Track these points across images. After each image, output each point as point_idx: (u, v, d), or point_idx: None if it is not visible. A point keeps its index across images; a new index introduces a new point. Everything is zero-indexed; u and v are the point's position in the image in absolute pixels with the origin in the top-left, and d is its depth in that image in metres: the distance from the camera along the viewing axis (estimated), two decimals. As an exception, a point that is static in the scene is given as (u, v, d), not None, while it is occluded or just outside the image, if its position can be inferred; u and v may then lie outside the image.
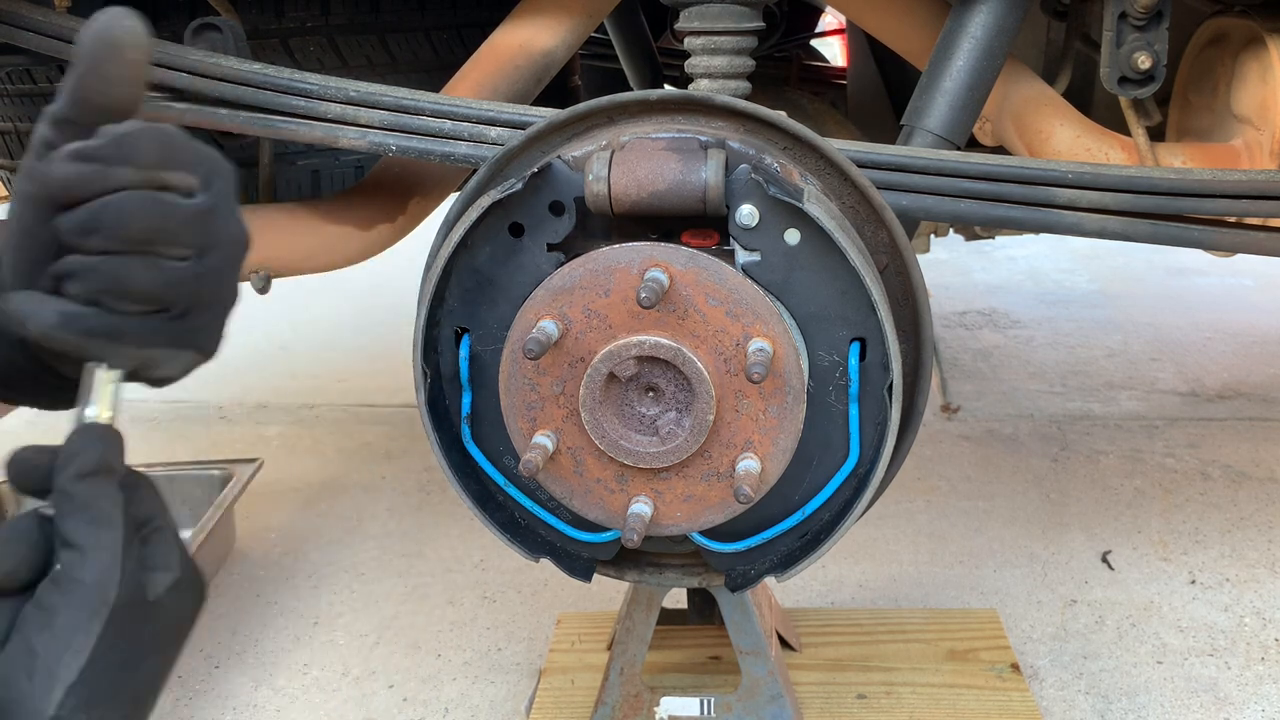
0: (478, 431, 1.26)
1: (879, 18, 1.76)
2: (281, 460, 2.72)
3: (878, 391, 1.18)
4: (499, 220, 1.18)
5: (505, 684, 1.82)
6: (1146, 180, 1.34)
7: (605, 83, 2.78)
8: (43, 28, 1.51)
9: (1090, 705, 1.73)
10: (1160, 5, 1.47)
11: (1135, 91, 1.53)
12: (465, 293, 1.21)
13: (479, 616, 2.03)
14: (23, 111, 2.07)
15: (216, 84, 1.48)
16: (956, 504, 2.40)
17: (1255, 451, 2.62)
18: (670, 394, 1.15)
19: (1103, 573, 2.11)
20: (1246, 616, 1.96)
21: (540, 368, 1.15)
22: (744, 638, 1.47)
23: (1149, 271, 4.19)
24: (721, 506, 1.18)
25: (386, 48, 1.97)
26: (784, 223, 1.14)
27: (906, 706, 1.63)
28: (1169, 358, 3.30)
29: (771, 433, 1.14)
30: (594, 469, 1.18)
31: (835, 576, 2.12)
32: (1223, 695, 1.75)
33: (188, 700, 1.80)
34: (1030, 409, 2.93)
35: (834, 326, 1.17)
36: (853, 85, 2.50)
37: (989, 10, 1.48)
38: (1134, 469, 2.55)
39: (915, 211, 1.35)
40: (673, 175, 1.12)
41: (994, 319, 3.72)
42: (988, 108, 1.62)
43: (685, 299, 1.11)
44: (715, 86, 1.45)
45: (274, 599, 2.10)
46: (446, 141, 1.43)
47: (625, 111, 1.21)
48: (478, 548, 2.25)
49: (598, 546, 1.28)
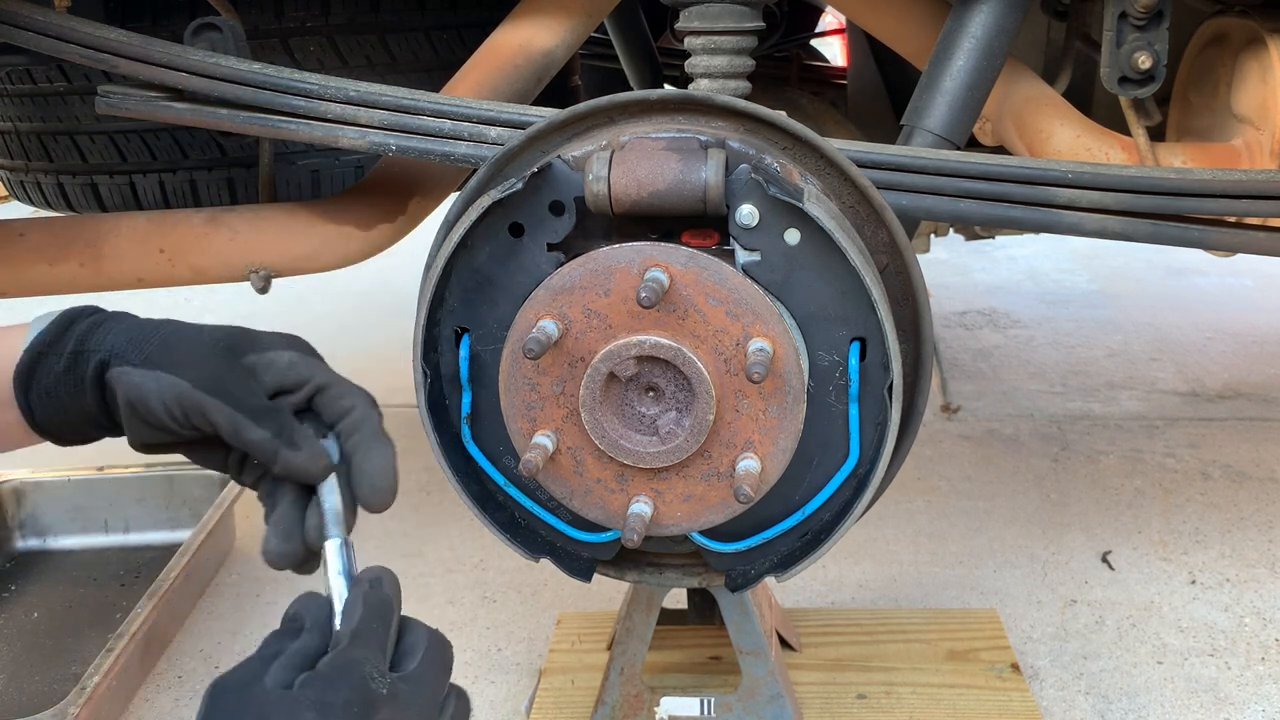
0: (478, 431, 1.26)
1: (879, 18, 1.76)
2: (281, 460, 2.72)
3: (878, 391, 1.18)
4: (499, 220, 1.18)
5: (505, 684, 1.82)
6: (1146, 180, 1.34)
7: (605, 83, 2.78)
8: (43, 28, 1.51)
9: (1090, 705, 1.73)
10: (1160, 5, 1.47)
11: (1135, 91, 1.53)
12: (465, 293, 1.21)
13: (479, 616, 2.03)
14: (23, 112, 2.07)
15: (216, 84, 1.48)
16: (956, 504, 2.40)
17: (1255, 451, 2.62)
18: (670, 394, 1.15)
19: (1103, 573, 2.11)
20: (1246, 616, 1.96)
21: (540, 368, 1.15)
22: (744, 638, 1.47)
23: (1149, 271, 4.19)
24: (721, 506, 1.18)
25: (386, 48, 1.97)
26: (784, 223, 1.14)
27: (906, 706, 1.63)
28: (1169, 358, 3.30)
29: (771, 433, 1.14)
30: (594, 469, 1.18)
31: (835, 576, 2.12)
32: (1223, 695, 1.75)
33: (188, 700, 1.80)
34: (1030, 409, 2.93)
35: (834, 326, 1.17)
36: (853, 85, 2.50)
37: (989, 10, 1.48)
38: (1134, 469, 2.55)
39: (915, 211, 1.35)
40: (673, 175, 1.12)
41: (994, 319, 3.72)
42: (988, 108, 1.62)
43: (685, 299, 1.11)
44: (715, 86, 1.45)
45: (274, 599, 2.09)
46: (446, 141, 1.42)
47: (625, 111, 1.21)
48: (478, 548, 2.25)
49: (598, 546, 1.28)
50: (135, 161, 2.03)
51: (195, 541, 1.97)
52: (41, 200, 2.17)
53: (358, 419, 0.90)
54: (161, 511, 2.25)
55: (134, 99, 1.52)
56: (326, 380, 0.91)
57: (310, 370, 0.91)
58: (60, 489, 2.25)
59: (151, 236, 1.72)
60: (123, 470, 2.28)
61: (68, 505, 2.25)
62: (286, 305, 4.03)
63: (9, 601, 2.06)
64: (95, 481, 2.26)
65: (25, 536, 2.25)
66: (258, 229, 1.73)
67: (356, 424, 0.90)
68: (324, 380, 0.91)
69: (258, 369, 0.90)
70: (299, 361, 0.91)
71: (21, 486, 2.25)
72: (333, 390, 0.90)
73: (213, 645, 1.95)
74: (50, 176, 2.11)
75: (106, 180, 2.05)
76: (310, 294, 4.09)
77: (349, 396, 0.91)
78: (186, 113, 1.52)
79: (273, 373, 0.90)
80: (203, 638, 1.97)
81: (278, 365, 0.90)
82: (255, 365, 0.90)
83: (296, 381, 0.91)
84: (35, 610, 2.03)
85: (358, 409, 0.90)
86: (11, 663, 1.86)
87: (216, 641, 1.96)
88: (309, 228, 1.74)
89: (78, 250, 1.71)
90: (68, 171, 2.08)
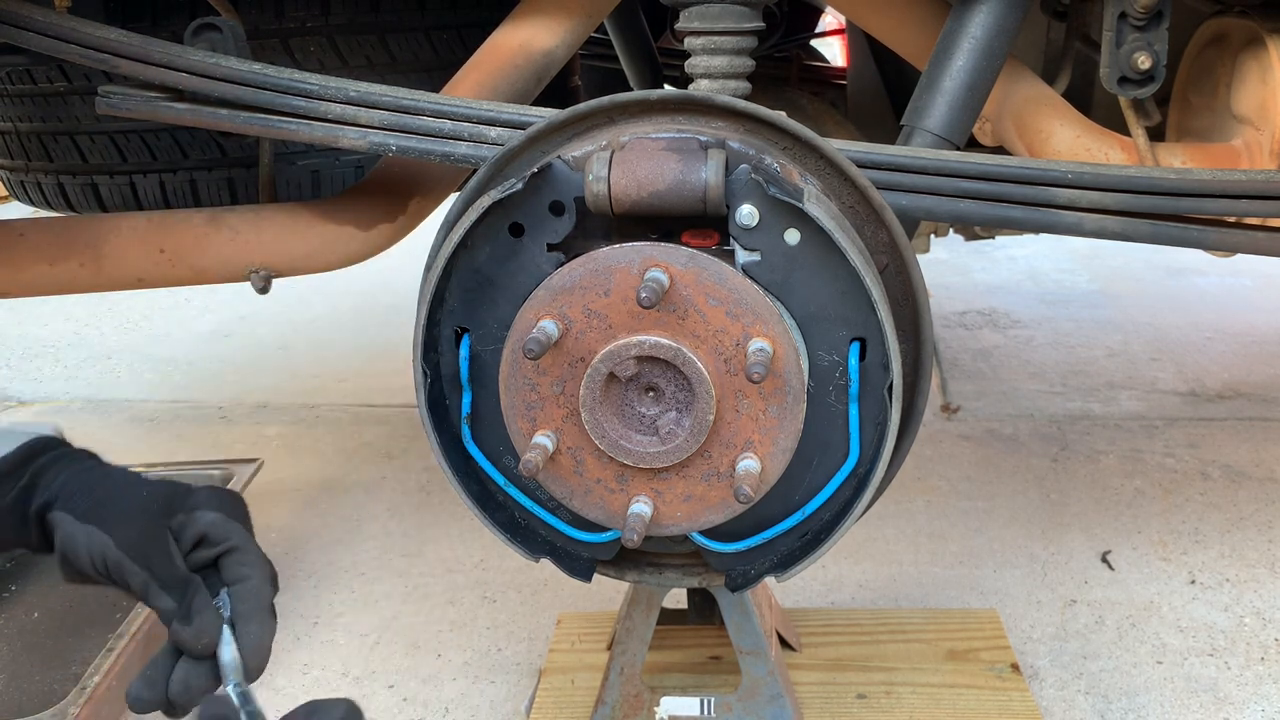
0: (478, 431, 1.26)
1: (879, 18, 1.75)
2: (281, 460, 2.72)
3: (878, 391, 1.18)
4: (499, 220, 1.18)
5: (505, 684, 1.82)
6: (1146, 180, 1.33)
7: (605, 83, 2.78)
8: (43, 28, 1.51)
9: (1090, 705, 1.73)
10: (1160, 5, 1.47)
11: (1135, 91, 1.52)
12: (465, 293, 1.21)
13: (479, 616, 2.03)
14: (23, 111, 2.07)
15: (216, 84, 1.48)
16: (956, 504, 2.40)
17: (1255, 451, 2.62)
18: (670, 394, 1.15)
19: (1103, 573, 2.11)
20: (1246, 616, 1.96)
21: (540, 368, 1.15)
22: (744, 638, 1.47)
23: (1149, 271, 4.20)
24: (721, 506, 1.18)
25: (386, 48, 1.97)
26: (784, 223, 1.14)
27: (906, 706, 1.63)
28: (1169, 358, 3.30)
29: (771, 433, 1.14)
30: (594, 469, 1.18)
31: (835, 576, 2.12)
32: (1223, 695, 1.75)
33: (188, 700, 1.80)
34: (1030, 409, 2.93)
35: (834, 326, 1.17)
36: (853, 85, 2.50)
37: (989, 10, 1.48)
38: (1134, 469, 2.55)
39: (915, 211, 1.35)
40: (673, 175, 1.12)
41: (994, 319, 3.72)
42: (988, 108, 1.62)
43: (685, 299, 1.11)
44: (715, 86, 1.45)
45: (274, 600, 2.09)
46: (446, 141, 1.42)
47: (625, 111, 1.21)
48: (478, 548, 2.25)
49: (598, 546, 1.28)
50: (135, 161, 2.03)
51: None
52: (41, 200, 2.18)
53: (250, 589, 1.00)
54: (162, 511, 2.25)
55: (134, 99, 1.52)
56: (238, 544, 1.01)
57: (227, 532, 1.01)
58: (60, 489, 2.25)
59: (152, 236, 1.72)
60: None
61: (68, 505, 2.24)
62: (286, 305, 4.03)
63: (9, 601, 2.06)
64: (95, 481, 2.25)
65: (25, 536, 2.24)
66: (258, 229, 1.73)
67: (247, 594, 1.00)
68: (236, 544, 1.01)
69: (184, 526, 1.01)
70: (220, 522, 1.01)
71: (21, 486, 2.24)
72: (239, 555, 1.01)
73: (213, 645, 1.95)
74: (50, 176, 2.11)
75: (106, 180, 2.05)
76: (310, 294, 4.10)
77: (251, 566, 1.01)
78: (186, 113, 1.52)
79: (195, 529, 1.01)
80: (203, 638, 1.97)
81: (201, 523, 1.01)
82: (182, 523, 1.01)
83: (213, 539, 1.01)
84: (35, 610, 2.03)
85: (254, 580, 1.01)
86: (11, 663, 1.86)
87: (216, 641, 1.96)
88: (309, 228, 1.74)
89: (78, 250, 1.71)
90: (68, 171, 2.08)
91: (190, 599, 0.97)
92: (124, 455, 2.78)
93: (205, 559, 1.01)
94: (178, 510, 1.01)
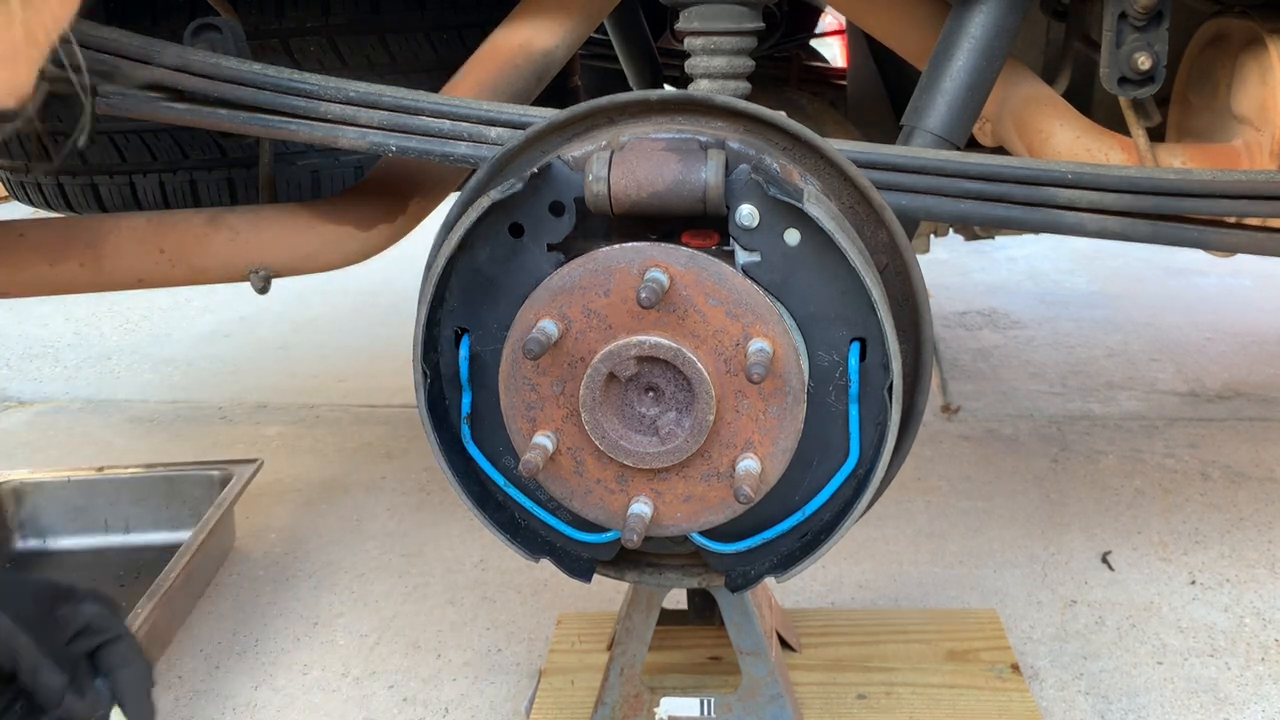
0: (478, 432, 1.26)
1: (879, 18, 1.76)
2: (281, 460, 2.72)
3: (878, 392, 1.18)
4: (499, 220, 1.18)
5: (505, 684, 1.82)
6: (1146, 180, 1.34)
7: (605, 83, 2.78)
8: (43, 28, 1.51)
9: (1090, 705, 1.73)
10: (1160, 5, 1.47)
11: (1135, 92, 1.53)
12: (465, 293, 1.21)
13: (479, 616, 2.03)
14: (22, 111, 2.07)
15: (216, 84, 1.48)
16: (956, 504, 2.40)
17: (1255, 451, 2.62)
18: (670, 394, 1.15)
19: (1103, 573, 2.11)
20: (1246, 617, 1.96)
21: (540, 368, 1.15)
22: (744, 638, 1.47)
23: (1149, 271, 4.20)
24: (721, 507, 1.18)
25: (386, 48, 1.97)
26: (784, 223, 1.14)
27: (906, 707, 1.63)
28: (1169, 358, 3.30)
29: (771, 433, 1.14)
30: (594, 469, 1.18)
31: (835, 576, 2.12)
32: (1223, 695, 1.75)
33: (188, 700, 1.80)
34: (1030, 409, 2.93)
35: (834, 326, 1.17)
36: (853, 85, 2.50)
37: (989, 10, 1.48)
38: (1134, 469, 2.55)
39: (915, 211, 1.35)
40: (673, 175, 1.12)
41: (994, 319, 3.72)
42: (988, 108, 1.62)
43: (685, 299, 1.11)
44: (715, 87, 1.45)
45: (274, 599, 2.10)
46: (446, 141, 1.42)
47: (625, 111, 1.21)
48: (478, 548, 2.25)
49: (598, 547, 1.28)
50: (135, 161, 2.03)
51: (195, 541, 1.97)
52: (41, 201, 2.17)
53: (135, 673, 1.06)
54: (161, 511, 2.25)
55: (134, 99, 1.52)
56: (120, 634, 1.07)
57: (110, 624, 1.07)
58: (60, 489, 2.25)
59: (151, 237, 1.72)
60: (122, 470, 2.28)
61: (68, 505, 2.25)
62: (286, 305, 4.04)
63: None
64: (95, 482, 2.26)
65: (25, 537, 2.24)
66: (258, 229, 1.73)
67: (132, 679, 1.06)
68: (119, 633, 1.07)
69: (69, 616, 1.05)
70: (103, 614, 1.07)
71: (21, 487, 2.24)
72: (122, 645, 1.06)
73: (213, 645, 1.95)
74: (50, 177, 2.11)
75: (106, 180, 2.05)
76: (310, 294, 4.10)
77: (134, 654, 1.07)
78: (186, 113, 1.52)
79: (79, 619, 1.06)
80: (203, 638, 1.97)
81: (84, 615, 1.06)
82: (67, 614, 1.06)
83: (95, 629, 1.06)
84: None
85: (138, 665, 1.07)
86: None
87: (216, 641, 1.96)
88: (309, 228, 1.74)
89: (78, 250, 1.71)
90: (68, 172, 2.08)
91: (80, 678, 1.02)
92: (124, 455, 2.79)
93: (86, 648, 1.05)
94: (62, 604, 1.06)
